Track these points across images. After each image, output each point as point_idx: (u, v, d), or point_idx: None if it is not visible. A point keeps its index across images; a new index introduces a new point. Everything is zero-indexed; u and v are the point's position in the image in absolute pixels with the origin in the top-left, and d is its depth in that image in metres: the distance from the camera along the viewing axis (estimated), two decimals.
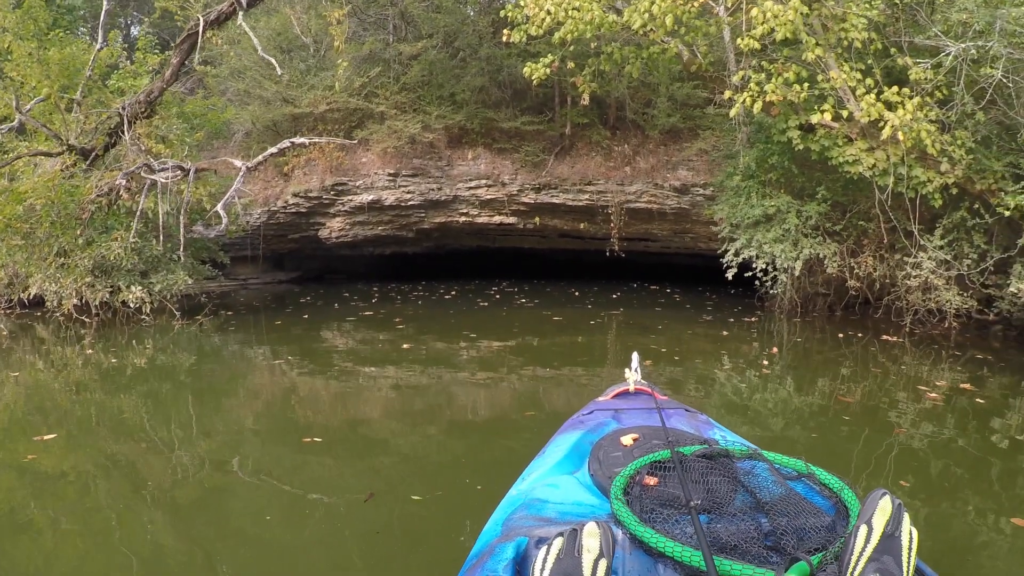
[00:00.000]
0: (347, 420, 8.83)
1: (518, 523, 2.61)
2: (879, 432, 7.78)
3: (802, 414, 8.81)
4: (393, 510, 5.62)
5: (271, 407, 9.44)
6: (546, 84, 20.69)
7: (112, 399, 9.63)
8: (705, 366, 11.74)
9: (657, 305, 19.20)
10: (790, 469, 2.84)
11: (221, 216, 14.38)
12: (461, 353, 12.86)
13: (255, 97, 22.29)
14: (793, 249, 15.01)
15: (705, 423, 3.92)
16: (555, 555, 2.03)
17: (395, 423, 8.60)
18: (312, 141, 17.21)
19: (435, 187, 21.47)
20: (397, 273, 26.92)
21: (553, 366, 11.79)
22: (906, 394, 9.66)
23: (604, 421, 3.86)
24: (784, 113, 13.64)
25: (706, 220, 19.45)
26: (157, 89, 16.10)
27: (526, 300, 19.98)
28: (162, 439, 7.69)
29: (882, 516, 2.04)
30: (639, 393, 4.50)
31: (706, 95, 19.33)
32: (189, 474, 6.61)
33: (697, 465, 2.79)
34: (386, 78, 21.41)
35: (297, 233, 23.42)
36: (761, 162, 15.68)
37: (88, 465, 6.91)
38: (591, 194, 21.11)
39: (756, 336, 14.62)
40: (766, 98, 12.85)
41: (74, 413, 8.87)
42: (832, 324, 15.52)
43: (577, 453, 3.40)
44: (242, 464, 6.87)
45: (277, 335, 14.86)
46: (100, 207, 15.57)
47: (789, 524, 2.33)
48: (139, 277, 15.50)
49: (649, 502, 2.52)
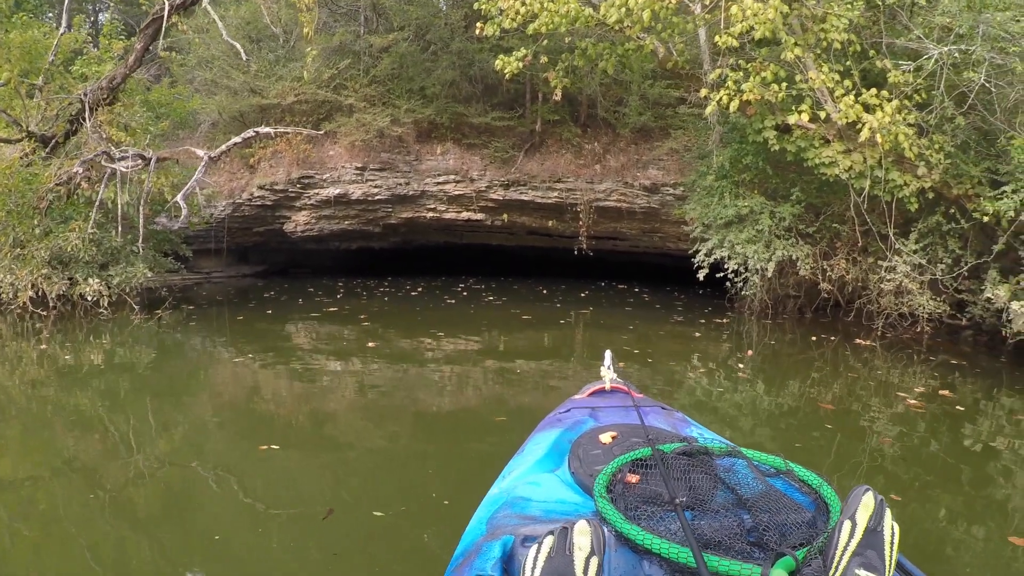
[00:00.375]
0: (308, 425, 8.41)
1: (503, 521, 2.60)
2: (856, 438, 7.59)
3: (778, 419, 8.54)
4: (354, 528, 5.27)
5: (229, 410, 8.98)
6: (518, 80, 20.33)
7: (66, 397, 9.20)
8: (678, 368, 11.44)
9: (626, 304, 18.91)
10: (769, 466, 2.82)
11: (181, 207, 13.82)
12: (427, 352, 12.46)
13: (222, 87, 21.80)
14: (766, 250, 14.68)
15: (682, 421, 3.90)
16: (546, 553, 2.01)
17: (358, 429, 8.27)
18: (277, 132, 16.69)
19: (403, 182, 21.10)
20: (363, 268, 26.42)
21: (521, 368, 11.46)
22: (883, 399, 9.40)
23: (581, 419, 3.83)
24: (760, 113, 13.31)
25: (676, 220, 19.15)
26: (120, 75, 15.56)
27: (494, 297, 19.60)
28: (113, 443, 7.38)
29: (865, 511, 2.03)
30: (615, 391, 4.48)
31: (678, 95, 19.22)
32: (136, 485, 6.21)
33: (678, 462, 2.78)
34: (356, 70, 21.02)
35: (262, 226, 22.86)
36: (735, 162, 15.36)
37: (38, 469, 6.57)
38: (560, 192, 20.80)
39: (728, 338, 14.36)
40: (743, 97, 12.51)
41: (30, 410, 8.56)
42: (803, 327, 15.25)
43: (556, 451, 3.36)
44: (193, 476, 6.48)
45: (239, 331, 14.39)
46: (58, 196, 15.02)
47: (771, 520, 2.31)
48: (98, 269, 14.93)
49: (633, 499, 2.50)
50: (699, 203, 16.16)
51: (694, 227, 16.38)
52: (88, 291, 14.43)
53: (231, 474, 6.45)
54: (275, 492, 6.02)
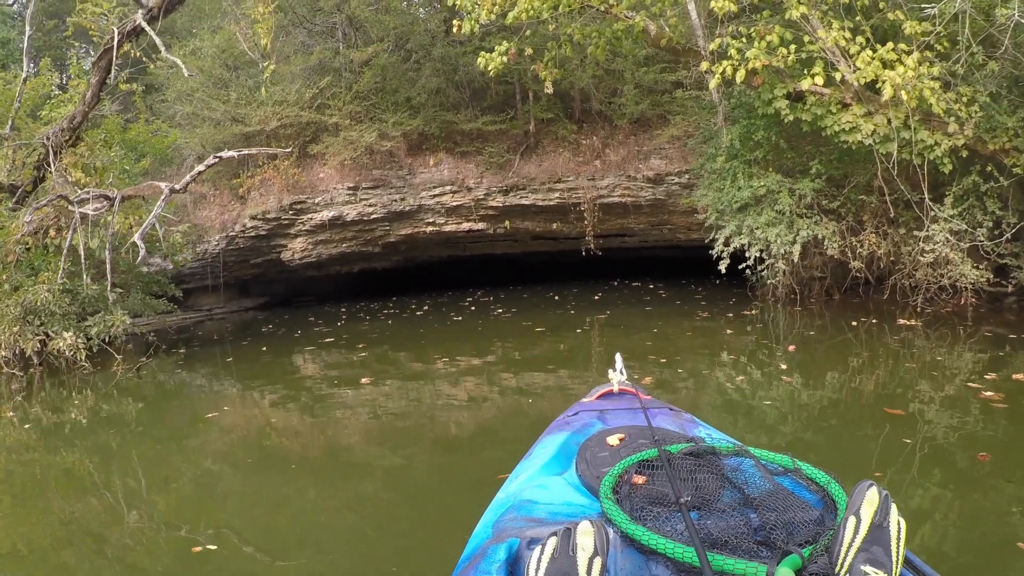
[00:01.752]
0: (319, 470, 7.29)
1: (508, 524, 2.53)
2: (943, 457, 5.97)
3: (841, 433, 6.89)
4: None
5: (174, 494, 7.16)
6: (506, 80, 19.44)
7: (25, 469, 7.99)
8: (714, 374, 9.84)
9: (643, 303, 17.22)
10: (776, 465, 2.72)
11: (139, 248, 12.23)
12: (430, 386, 10.85)
13: (204, 119, 20.60)
14: (788, 232, 13.09)
15: (690, 421, 3.80)
16: (549, 554, 1.94)
17: (370, 464, 7.35)
18: (240, 153, 15.22)
19: (398, 198, 19.82)
20: (367, 291, 24.89)
21: (540, 383, 10.18)
22: (954, 395, 7.71)
23: (589, 422, 3.75)
24: (769, 82, 11.71)
25: (684, 210, 18.04)
26: (79, 114, 14.13)
27: (503, 310, 18.03)
28: (95, 508, 6.43)
29: (870, 507, 1.95)
30: (623, 393, 4.34)
31: (674, 79, 18.04)
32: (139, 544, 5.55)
33: (684, 463, 2.70)
34: (338, 88, 19.71)
35: (259, 257, 21.67)
36: (745, 139, 13.74)
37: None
38: (561, 192, 19.43)
39: (760, 331, 12.78)
40: (748, 66, 10.98)
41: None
42: (834, 310, 13.72)
43: (564, 454, 3.27)
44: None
45: (227, 374, 12.92)
46: (26, 247, 13.58)
47: (778, 519, 2.24)
48: (75, 321, 13.46)
49: (639, 500, 2.45)
50: (710, 188, 14.57)
51: (707, 215, 14.80)
52: (63, 346, 12.93)
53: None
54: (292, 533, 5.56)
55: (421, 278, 26.27)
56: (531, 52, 13.16)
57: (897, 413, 7.02)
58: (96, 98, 14.03)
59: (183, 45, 21.69)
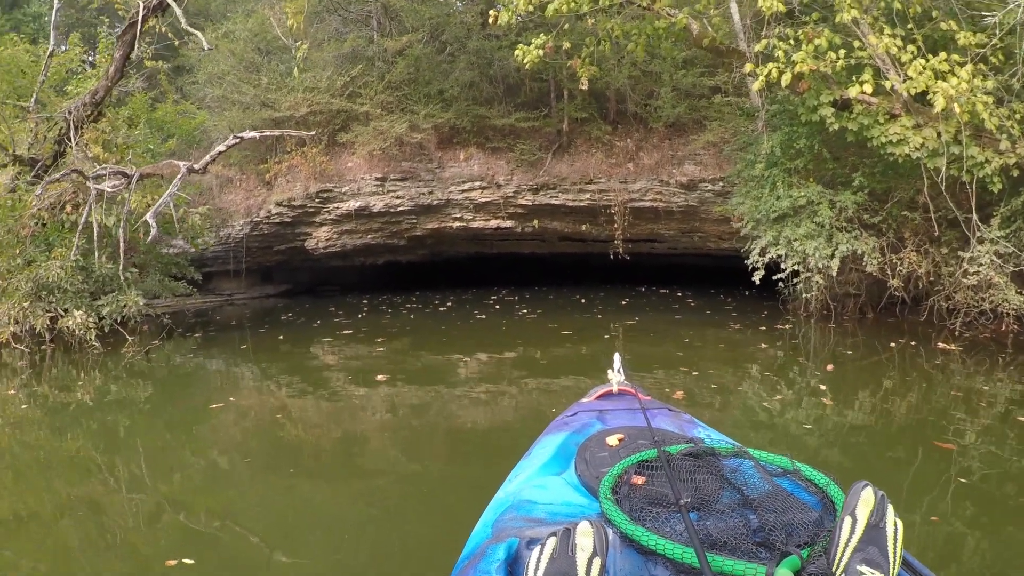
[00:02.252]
0: (333, 461, 7.16)
1: (508, 524, 2.51)
2: (1015, 512, 5.26)
3: (894, 470, 6.18)
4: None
5: (177, 488, 6.67)
6: (541, 78, 18.98)
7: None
8: (750, 392, 9.20)
9: (672, 311, 16.59)
10: (776, 466, 2.69)
11: (151, 227, 11.73)
12: (448, 383, 10.33)
13: (233, 103, 20.16)
14: (827, 245, 12.42)
15: (689, 422, 3.75)
16: (549, 554, 1.92)
17: (386, 458, 7.13)
18: (262, 134, 14.77)
19: (426, 191, 19.35)
20: (391, 283, 24.52)
21: (563, 388, 9.56)
22: (1013, 430, 7.03)
23: (589, 422, 3.69)
24: (815, 88, 11.09)
25: (716, 218, 17.43)
26: (102, 88, 13.66)
27: (527, 310, 17.44)
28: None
29: (865, 507, 1.95)
30: (623, 394, 4.29)
31: (712, 84, 17.44)
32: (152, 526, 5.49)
33: (684, 464, 2.67)
34: (370, 77, 19.26)
35: (283, 244, 21.25)
36: (786, 147, 13.06)
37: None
38: (592, 193, 18.86)
39: (796, 348, 12.14)
40: (795, 69, 10.38)
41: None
42: (868, 329, 13.07)
43: (563, 454, 3.22)
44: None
45: (242, 361, 12.46)
46: (41, 222, 13.14)
47: (777, 520, 2.20)
48: (88, 299, 13.00)
49: (638, 501, 2.42)
50: (748, 196, 13.89)
51: (743, 223, 14.15)
52: (72, 324, 12.47)
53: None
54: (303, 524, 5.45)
55: (447, 273, 25.71)
56: (568, 47, 12.62)
57: (947, 447, 6.37)
58: (119, 73, 13.56)
59: (216, 28, 21.38)
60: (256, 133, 14.20)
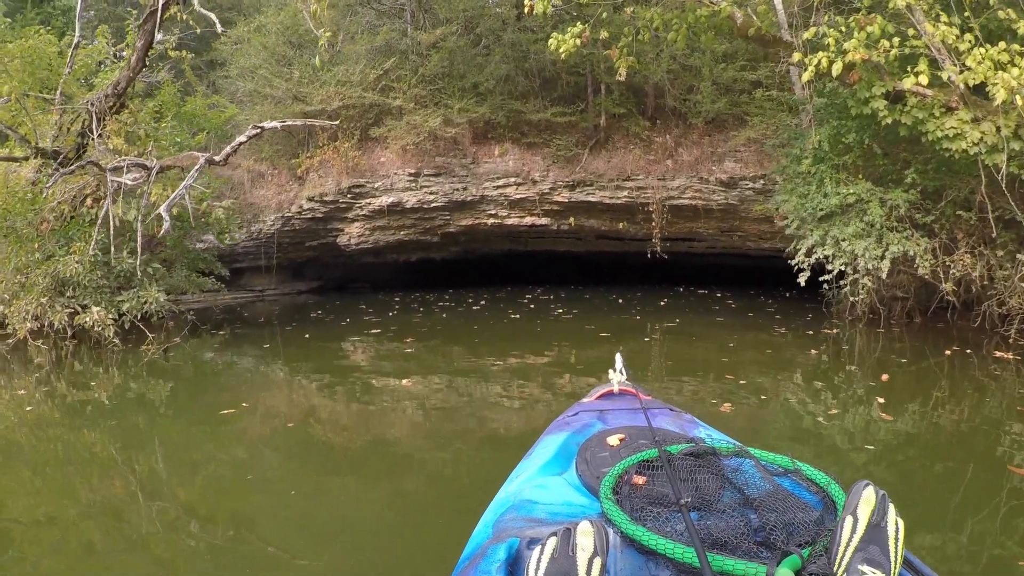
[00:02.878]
0: (363, 466, 6.77)
1: (508, 524, 2.49)
2: None
3: (966, 494, 5.43)
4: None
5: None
6: (577, 71, 18.36)
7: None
8: (805, 407, 8.38)
9: (713, 313, 15.85)
10: (776, 465, 2.68)
11: (164, 219, 11.16)
12: (480, 384, 9.76)
13: (265, 96, 19.74)
14: (877, 246, 11.64)
15: (690, 422, 3.66)
16: (549, 554, 1.90)
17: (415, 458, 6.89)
18: (284, 124, 14.25)
19: (460, 187, 18.76)
20: (424, 281, 23.93)
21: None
22: None
23: (590, 422, 3.64)
24: (867, 79, 10.34)
25: (756, 217, 16.81)
26: (124, 79, 13.11)
27: (563, 310, 16.76)
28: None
29: (867, 506, 1.91)
30: (623, 394, 4.22)
31: (754, 78, 16.73)
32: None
33: (685, 463, 2.66)
34: (403, 70, 18.68)
35: (315, 240, 20.75)
36: (835, 142, 12.28)
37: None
38: (630, 191, 18.14)
39: (846, 356, 11.27)
40: (846, 59, 9.64)
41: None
42: (917, 335, 12.26)
43: (564, 454, 3.18)
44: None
45: (266, 362, 11.89)
46: (61, 216, 12.65)
47: (778, 519, 2.19)
48: (108, 295, 12.51)
49: (639, 501, 2.41)
50: (793, 193, 13.10)
51: (788, 222, 13.36)
52: (89, 320, 11.97)
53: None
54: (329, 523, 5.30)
55: (481, 271, 24.98)
56: (606, 36, 11.95)
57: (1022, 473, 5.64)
58: (141, 63, 13.00)
59: (249, 22, 21.01)
60: (277, 123, 13.66)
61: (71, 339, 12.76)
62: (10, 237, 12.36)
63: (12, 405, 9.10)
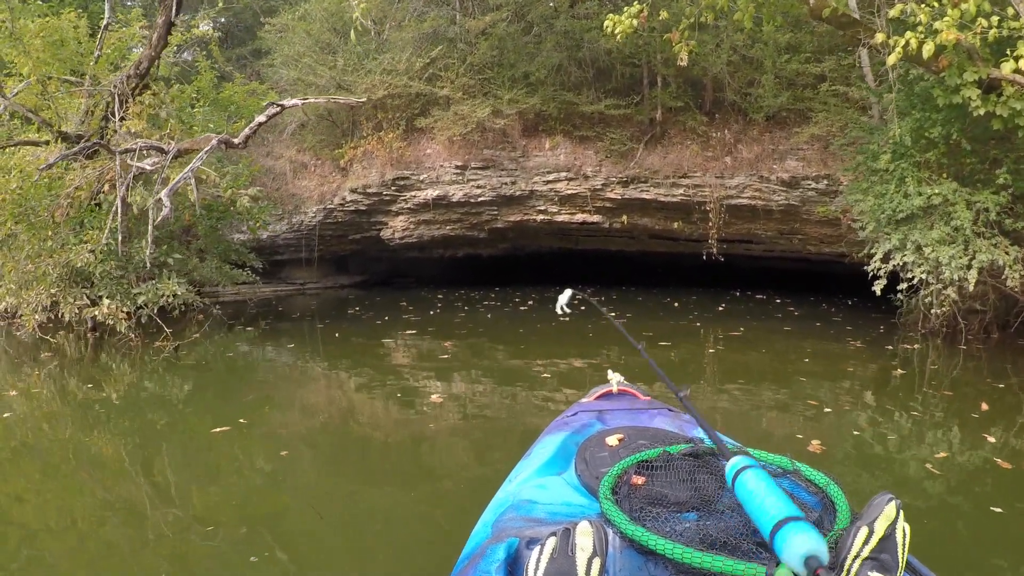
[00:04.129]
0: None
1: (508, 524, 2.47)
2: None
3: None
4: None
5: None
6: (633, 62, 17.09)
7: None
8: (903, 446, 6.88)
9: (776, 321, 14.35)
10: (776, 466, 2.60)
11: (164, 205, 10.03)
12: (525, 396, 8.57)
13: (308, 85, 18.77)
14: (963, 254, 10.22)
15: (689, 423, 3.47)
16: (548, 554, 1.87)
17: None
18: (305, 102, 13.22)
19: (508, 181, 17.64)
20: (471, 277, 22.68)
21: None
22: None
23: (589, 422, 3.56)
24: (958, 64, 8.97)
25: (818, 219, 15.58)
26: (146, 58, 12.14)
27: (616, 313, 15.26)
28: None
29: (885, 521, 1.80)
30: (622, 394, 4.12)
31: (818, 72, 15.37)
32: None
33: (684, 464, 2.62)
34: (451, 58, 17.63)
35: (358, 233, 19.78)
36: (917, 136, 10.81)
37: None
38: (686, 188, 16.85)
39: (936, 378, 9.73)
40: (937, 39, 8.28)
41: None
42: (1000, 354, 10.76)
43: (563, 454, 3.15)
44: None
45: (280, 364, 10.81)
46: (77, 203, 11.65)
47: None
48: (126, 287, 11.54)
49: (638, 501, 2.37)
50: (869, 192, 11.65)
51: (863, 223, 11.91)
52: (98, 314, 10.97)
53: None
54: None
55: (529, 269, 23.79)
56: (665, 17, 10.72)
57: None
58: (163, 41, 12.01)
59: (293, 9, 20.17)
60: (298, 101, 12.58)
61: (91, 331, 11.88)
62: (22, 224, 11.35)
63: (20, 400, 8.33)
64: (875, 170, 11.54)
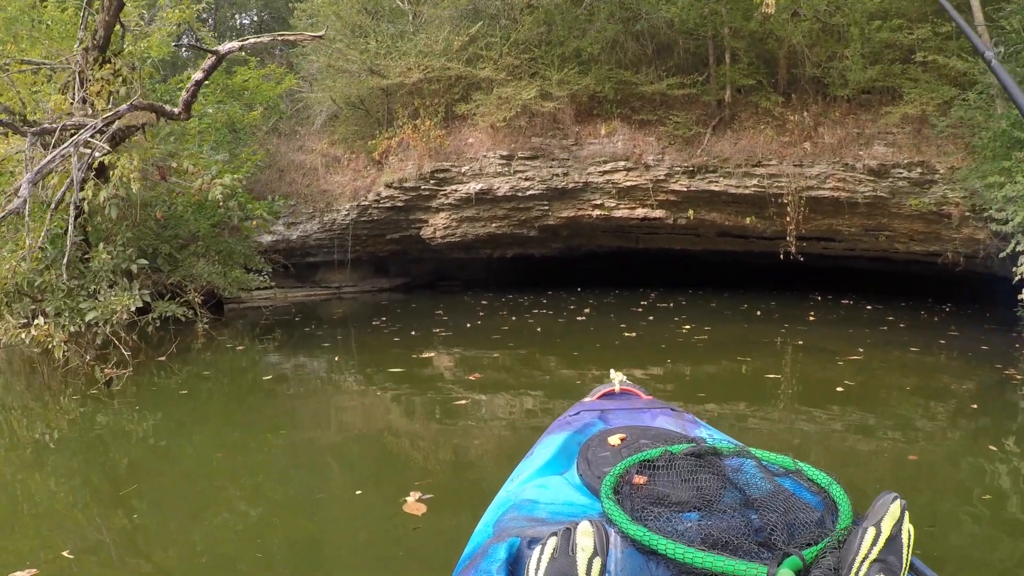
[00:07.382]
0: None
1: (509, 524, 2.36)
2: None
3: None
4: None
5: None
6: (697, 36, 14.86)
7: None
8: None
9: (882, 335, 11.29)
10: (778, 466, 2.52)
11: (18, 195, 7.61)
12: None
13: (338, 70, 17.06)
14: None
15: (691, 422, 3.45)
16: (549, 554, 1.81)
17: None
18: (270, 38, 11.10)
19: (560, 172, 15.59)
20: (522, 280, 20.42)
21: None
22: None
23: (591, 421, 3.40)
24: None
25: (908, 213, 13.52)
26: (101, 24, 9.90)
27: (691, 326, 12.35)
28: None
29: (891, 520, 1.77)
30: (624, 393, 3.97)
31: (911, 42, 12.99)
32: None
33: (686, 463, 2.49)
34: (493, 36, 15.68)
35: (396, 232, 17.76)
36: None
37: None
38: (760, 179, 14.48)
39: None
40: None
41: None
42: None
43: (565, 454, 3.02)
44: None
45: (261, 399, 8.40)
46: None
47: (779, 520, 2.08)
48: (80, 300, 9.22)
49: (639, 501, 2.26)
50: (1018, 173, 8.98)
51: (1010, 215, 9.37)
52: (24, 337, 8.73)
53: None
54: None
55: (586, 269, 21.33)
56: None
57: None
58: (120, 3, 9.75)
59: None
60: (236, 44, 9.92)
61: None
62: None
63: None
64: (1013, 143, 8.98)
